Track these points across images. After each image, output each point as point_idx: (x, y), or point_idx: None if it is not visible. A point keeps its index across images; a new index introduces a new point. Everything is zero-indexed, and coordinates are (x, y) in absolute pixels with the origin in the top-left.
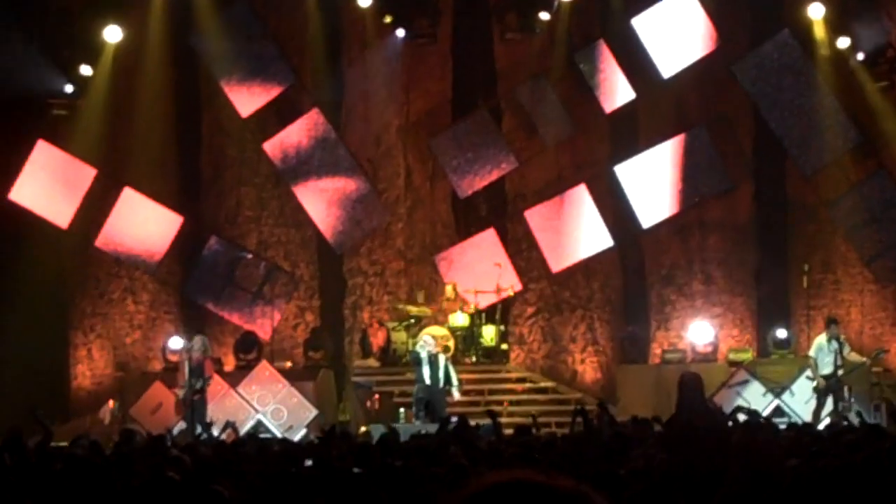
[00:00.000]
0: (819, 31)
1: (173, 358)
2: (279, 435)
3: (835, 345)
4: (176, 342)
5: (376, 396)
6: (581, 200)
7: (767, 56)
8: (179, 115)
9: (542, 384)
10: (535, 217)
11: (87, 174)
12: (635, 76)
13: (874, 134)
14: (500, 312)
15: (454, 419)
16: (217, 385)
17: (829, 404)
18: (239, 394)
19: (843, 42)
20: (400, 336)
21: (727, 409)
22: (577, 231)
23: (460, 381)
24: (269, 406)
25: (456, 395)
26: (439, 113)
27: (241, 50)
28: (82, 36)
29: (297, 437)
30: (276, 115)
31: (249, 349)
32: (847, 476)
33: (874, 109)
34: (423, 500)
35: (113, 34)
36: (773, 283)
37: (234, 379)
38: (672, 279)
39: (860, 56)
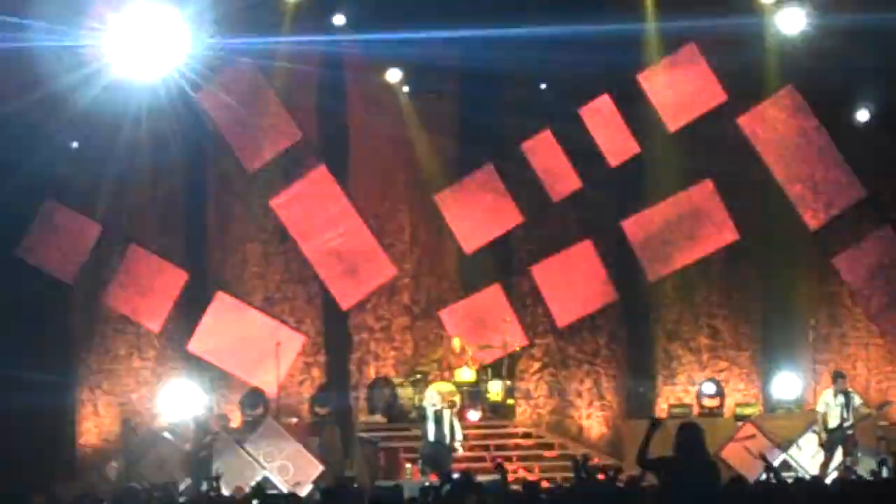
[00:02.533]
0: (826, 87)
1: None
2: (286, 491)
3: (841, 398)
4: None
5: (382, 452)
6: (587, 255)
7: (773, 110)
8: (185, 171)
9: (549, 440)
10: (541, 272)
11: (92, 231)
12: (641, 131)
13: (880, 187)
14: (506, 367)
15: (455, 475)
16: (223, 441)
17: (837, 458)
18: (245, 450)
19: (862, 114)
20: (406, 392)
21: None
22: (582, 286)
23: (465, 436)
24: (276, 462)
25: (458, 448)
26: (445, 168)
27: (248, 106)
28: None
29: (303, 493)
30: (281, 171)
31: (256, 405)
32: None
33: (880, 163)
34: None
35: None
36: (779, 337)
37: (240, 435)
38: (678, 334)
39: (864, 113)
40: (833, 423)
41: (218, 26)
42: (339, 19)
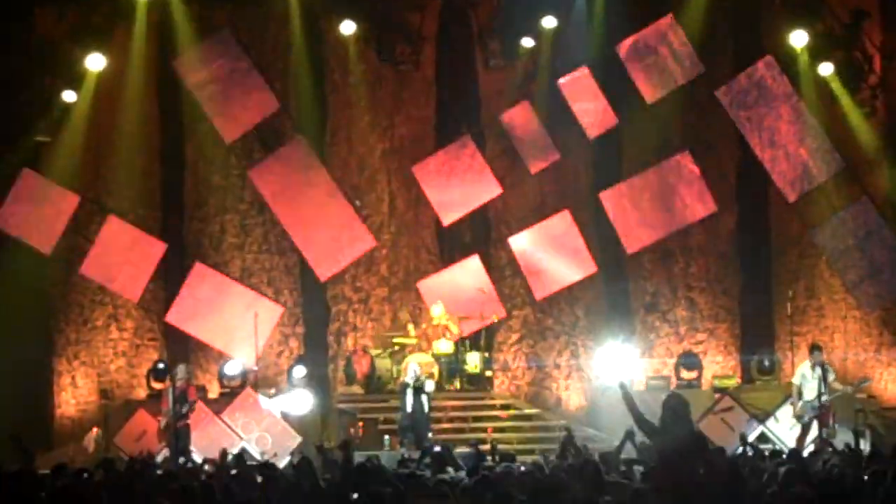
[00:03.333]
0: (802, 58)
1: (158, 385)
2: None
3: (818, 371)
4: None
5: (360, 423)
6: (565, 227)
7: (750, 82)
8: (163, 142)
9: (527, 411)
10: (519, 243)
11: (70, 201)
12: (619, 102)
13: (857, 160)
14: (484, 339)
15: (437, 448)
16: (201, 412)
17: (813, 430)
18: (223, 421)
19: (826, 68)
20: (384, 363)
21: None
22: (560, 257)
23: (444, 408)
24: (254, 433)
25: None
26: (423, 139)
27: (225, 76)
28: (65, 63)
29: (281, 464)
30: (259, 142)
31: (234, 376)
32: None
33: (857, 135)
34: None
35: (95, 62)
36: (757, 309)
37: (217, 406)
38: (656, 306)
39: (842, 82)
40: (809, 395)
41: None
42: None
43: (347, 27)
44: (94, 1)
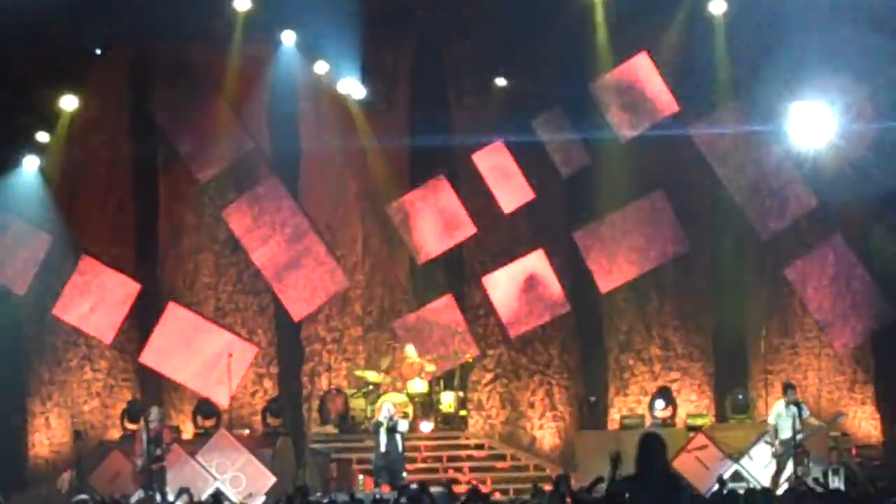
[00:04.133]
0: (775, 97)
1: (132, 426)
2: (238, 502)
3: (793, 409)
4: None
5: (334, 464)
6: (539, 266)
7: (724, 120)
8: (136, 181)
9: (501, 451)
10: (493, 283)
11: (43, 240)
12: (593, 141)
13: (830, 197)
14: (458, 378)
15: (413, 486)
16: (175, 453)
17: (788, 469)
18: (197, 462)
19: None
20: (359, 403)
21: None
22: (534, 296)
23: (418, 448)
24: (228, 474)
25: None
26: (397, 178)
27: (198, 116)
28: (38, 103)
29: None
30: (233, 181)
31: (208, 416)
32: None
33: (829, 176)
34: None
35: (69, 102)
36: (731, 347)
37: (192, 447)
38: (630, 344)
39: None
40: (785, 434)
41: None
42: (288, 37)
43: (321, 67)
44: (68, 41)
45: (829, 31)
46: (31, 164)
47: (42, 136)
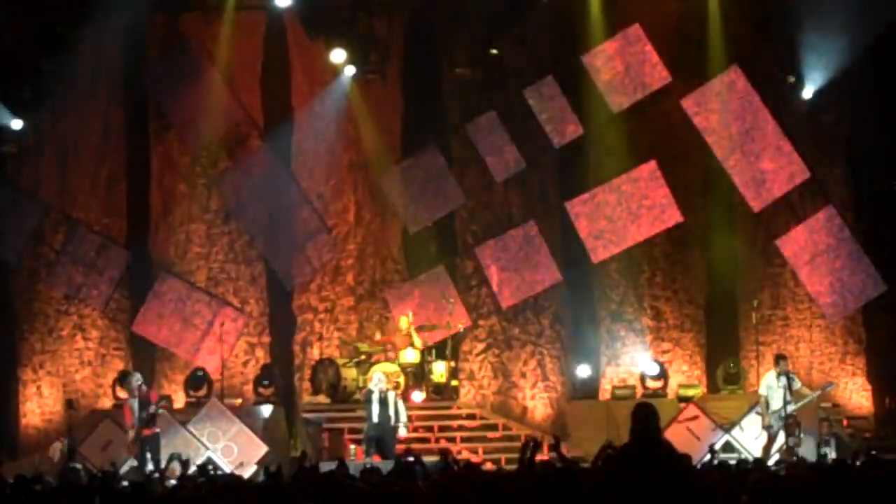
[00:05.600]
0: (764, 68)
1: (123, 395)
2: (229, 472)
3: (784, 380)
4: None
5: (326, 433)
6: (531, 236)
7: (717, 91)
8: (128, 152)
9: (493, 421)
10: (485, 253)
11: (36, 211)
12: (585, 112)
13: (822, 170)
14: (450, 349)
15: (410, 458)
16: (167, 421)
17: (779, 440)
18: (189, 431)
19: (791, 78)
20: (350, 373)
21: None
22: (526, 267)
23: (409, 417)
24: (220, 443)
25: (403, 431)
26: (389, 149)
27: (191, 85)
28: (30, 73)
29: (247, 474)
30: (226, 152)
31: (199, 386)
32: None
33: (821, 145)
34: None
35: (62, 72)
36: (723, 318)
37: (184, 416)
38: (621, 315)
39: (807, 91)
40: (775, 405)
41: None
42: (281, 5)
43: (314, 37)
44: (59, 9)
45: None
46: (22, 135)
47: (33, 106)
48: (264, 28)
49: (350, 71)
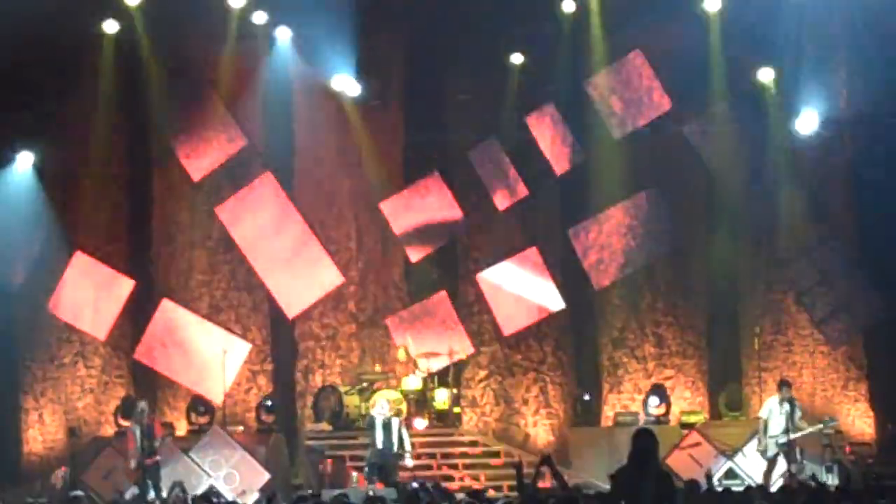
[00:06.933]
0: (769, 96)
1: (126, 423)
2: (231, 500)
3: (786, 407)
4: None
5: (329, 461)
6: (532, 263)
7: (718, 118)
8: (130, 178)
9: (495, 447)
10: (487, 280)
11: (38, 238)
12: (586, 138)
13: (824, 197)
14: (452, 375)
15: (415, 484)
16: (169, 449)
17: (780, 465)
18: (191, 458)
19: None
20: (353, 400)
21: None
22: (528, 293)
23: (413, 445)
24: (222, 470)
25: (409, 461)
26: (391, 175)
27: (193, 113)
28: (33, 100)
29: (249, 502)
30: (228, 179)
31: (202, 413)
32: None
33: (822, 174)
34: None
35: (64, 99)
36: (725, 345)
37: (186, 443)
38: (623, 342)
39: (811, 121)
40: (775, 430)
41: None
42: (282, 33)
43: (315, 64)
44: (60, 35)
45: (822, 29)
46: (25, 161)
47: (36, 133)
48: (266, 55)
49: (351, 97)
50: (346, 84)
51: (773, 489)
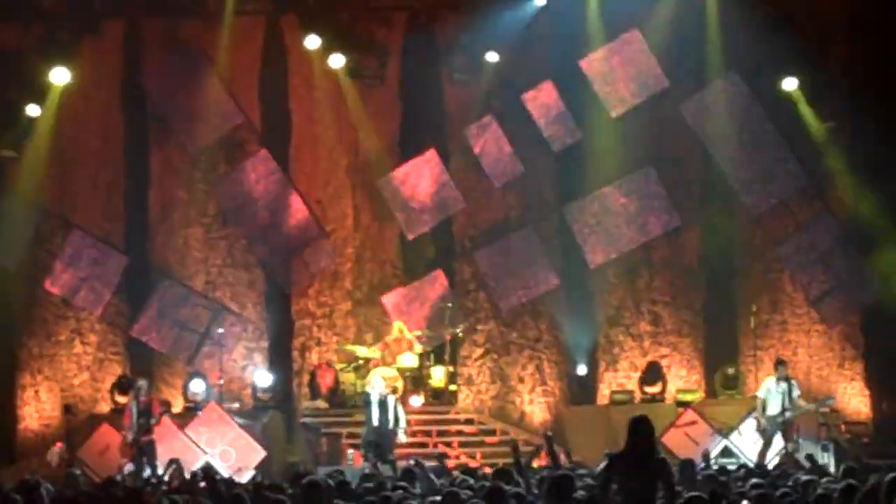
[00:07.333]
0: (766, 73)
1: (122, 399)
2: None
3: (783, 385)
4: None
5: (324, 438)
6: (529, 241)
7: (715, 97)
8: (127, 156)
9: (491, 426)
10: (483, 258)
11: (34, 215)
12: (583, 117)
13: (820, 176)
14: (448, 353)
15: (411, 461)
16: (165, 427)
17: (776, 444)
18: (187, 435)
19: (790, 83)
20: (349, 377)
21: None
22: (524, 272)
23: (408, 422)
24: (218, 448)
25: (402, 436)
26: (388, 153)
27: (190, 90)
28: (29, 77)
29: (245, 479)
30: (224, 156)
31: (198, 390)
32: None
33: (820, 151)
34: None
35: (60, 76)
36: (721, 323)
37: (182, 420)
38: (619, 320)
39: (805, 97)
40: (773, 409)
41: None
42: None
43: (312, 41)
44: (60, 15)
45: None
46: (21, 138)
47: (33, 111)
48: (263, 33)
49: (348, 76)
50: (343, 62)
51: (770, 467)
